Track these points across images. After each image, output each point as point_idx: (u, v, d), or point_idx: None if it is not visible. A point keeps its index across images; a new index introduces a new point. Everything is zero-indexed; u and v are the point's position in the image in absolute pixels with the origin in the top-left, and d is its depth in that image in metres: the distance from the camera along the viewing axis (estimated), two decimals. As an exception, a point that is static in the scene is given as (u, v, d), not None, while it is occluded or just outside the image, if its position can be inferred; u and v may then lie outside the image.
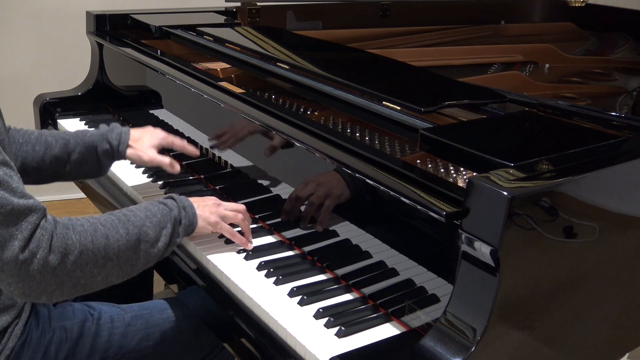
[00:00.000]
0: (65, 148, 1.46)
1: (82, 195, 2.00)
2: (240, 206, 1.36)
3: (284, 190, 1.40)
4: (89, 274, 1.07)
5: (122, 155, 1.49)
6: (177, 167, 1.50)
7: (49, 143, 1.45)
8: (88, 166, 1.48)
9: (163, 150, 1.55)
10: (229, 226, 1.31)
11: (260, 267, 1.27)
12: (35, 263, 1.01)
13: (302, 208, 1.33)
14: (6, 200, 0.99)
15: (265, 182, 1.47)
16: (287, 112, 1.40)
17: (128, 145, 1.48)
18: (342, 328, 1.08)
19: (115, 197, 1.66)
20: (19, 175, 1.06)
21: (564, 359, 1.14)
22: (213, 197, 1.35)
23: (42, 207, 1.05)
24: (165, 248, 1.19)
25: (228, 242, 1.35)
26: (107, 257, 1.09)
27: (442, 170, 1.21)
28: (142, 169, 1.71)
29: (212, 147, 1.62)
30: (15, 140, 1.44)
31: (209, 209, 1.29)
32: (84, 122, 2.07)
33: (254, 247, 1.34)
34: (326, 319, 1.11)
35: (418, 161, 1.24)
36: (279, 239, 1.38)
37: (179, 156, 1.78)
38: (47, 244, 1.02)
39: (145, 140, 1.50)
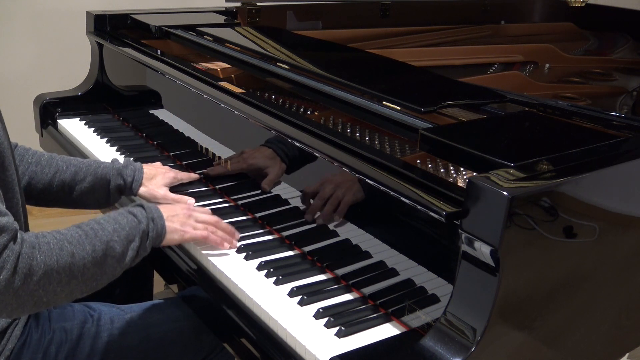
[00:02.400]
0: (75, 175, 1.44)
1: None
2: (211, 218, 1.33)
3: (284, 190, 1.40)
4: (52, 292, 1.05)
5: (133, 192, 1.48)
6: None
7: (59, 167, 1.44)
8: (95, 197, 1.47)
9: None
10: (199, 232, 1.28)
11: (260, 267, 1.27)
12: None
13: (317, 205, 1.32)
14: None
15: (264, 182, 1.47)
16: (287, 112, 1.40)
17: (141, 184, 1.48)
18: (342, 328, 1.08)
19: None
20: (0, 192, 1.05)
21: (564, 359, 1.14)
22: (184, 205, 1.33)
23: (15, 227, 1.03)
24: (132, 261, 1.17)
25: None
26: (72, 275, 1.07)
27: (442, 170, 1.21)
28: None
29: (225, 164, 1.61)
30: (24, 159, 1.44)
31: (178, 220, 1.27)
32: (84, 122, 2.07)
33: (254, 247, 1.34)
34: (326, 319, 1.11)
35: (418, 161, 1.24)
36: (279, 238, 1.38)
37: (179, 156, 1.78)
38: (12, 265, 1.00)
39: (157, 180, 1.50)
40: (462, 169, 1.20)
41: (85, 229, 1.13)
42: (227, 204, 1.52)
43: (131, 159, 1.54)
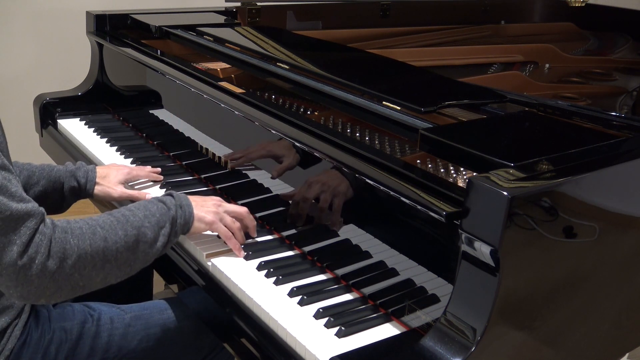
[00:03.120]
0: (28, 179, 1.44)
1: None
2: (242, 209, 1.35)
3: (284, 190, 1.40)
4: (87, 276, 1.08)
5: (89, 194, 1.50)
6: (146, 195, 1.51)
7: None
8: (49, 201, 1.47)
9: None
10: (225, 228, 1.30)
11: (260, 267, 1.27)
12: (34, 268, 1.01)
13: (306, 207, 1.33)
14: (5, 205, 1.00)
15: (265, 182, 1.47)
16: (287, 112, 1.40)
17: (96, 183, 1.49)
18: (342, 328, 1.08)
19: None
20: (17, 178, 1.06)
21: (564, 359, 1.14)
22: (216, 198, 1.35)
23: (41, 211, 1.05)
24: (164, 247, 1.20)
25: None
26: (106, 260, 1.10)
27: (442, 170, 1.21)
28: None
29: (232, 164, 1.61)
30: None
31: (206, 209, 1.29)
32: (84, 122, 2.07)
33: (254, 247, 1.34)
34: (326, 319, 1.11)
35: (418, 161, 1.24)
36: (279, 238, 1.38)
37: (179, 156, 1.78)
38: (45, 249, 1.02)
39: (112, 177, 1.51)
40: (462, 169, 1.20)
41: (117, 215, 1.16)
42: (227, 204, 1.52)
43: (83, 162, 1.55)
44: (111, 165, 1.58)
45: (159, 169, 1.65)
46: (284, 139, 1.37)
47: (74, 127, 2.04)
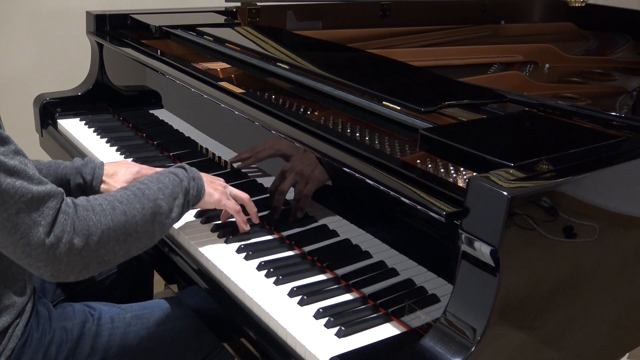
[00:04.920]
0: None
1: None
2: (244, 195, 1.39)
3: (284, 190, 1.40)
4: (112, 251, 1.11)
5: (95, 191, 1.47)
6: None
7: None
8: None
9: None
10: (233, 202, 1.36)
11: (260, 267, 1.27)
12: (62, 247, 1.04)
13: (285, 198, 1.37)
14: (25, 188, 1.01)
15: (265, 182, 1.47)
16: (287, 112, 1.40)
17: (102, 181, 1.46)
18: (342, 328, 1.08)
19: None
20: (32, 162, 1.08)
21: (564, 359, 1.14)
22: (222, 179, 1.39)
23: (60, 190, 1.07)
24: (178, 217, 1.25)
25: (228, 242, 1.35)
26: (127, 233, 1.13)
27: (442, 170, 1.21)
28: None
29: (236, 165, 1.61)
30: None
31: (214, 187, 1.35)
32: (84, 122, 2.07)
33: (254, 247, 1.34)
34: (326, 319, 1.11)
35: (418, 161, 1.24)
36: (279, 238, 1.38)
37: (179, 156, 1.78)
38: (70, 227, 1.05)
39: (119, 176, 1.48)
40: (462, 169, 1.20)
41: (132, 189, 1.19)
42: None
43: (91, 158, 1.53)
44: (120, 162, 1.54)
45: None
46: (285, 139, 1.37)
47: (74, 127, 2.04)
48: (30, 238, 1.02)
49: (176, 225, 1.40)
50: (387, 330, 1.11)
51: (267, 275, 1.24)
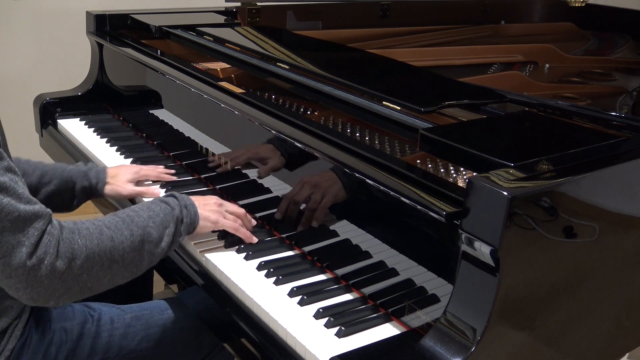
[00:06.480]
0: (41, 178, 1.46)
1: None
2: (240, 210, 1.37)
3: (284, 191, 1.40)
4: (95, 277, 1.08)
5: (99, 193, 1.52)
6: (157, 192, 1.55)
7: (26, 170, 1.45)
8: (60, 200, 1.48)
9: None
10: (230, 222, 1.32)
11: (260, 267, 1.27)
12: (43, 269, 1.01)
13: (298, 207, 1.33)
14: (12, 207, 1.00)
15: (265, 182, 1.47)
16: (287, 112, 1.40)
17: (106, 183, 1.51)
18: (342, 328, 1.08)
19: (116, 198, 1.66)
20: (23, 180, 1.07)
21: (564, 359, 1.14)
22: (215, 197, 1.36)
23: (48, 212, 1.06)
24: (169, 247, 1.21)
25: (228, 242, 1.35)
26: (113, 260, 1.10)
27: (442, 170, 1.21)
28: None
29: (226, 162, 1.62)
30: None
31: (209, 208, 1.31)
32: (84, 122, 2.07)
33: (254, 247, 1.34)
34: (326, 319, 1.11)
35: (418, 161, 1.24)
36: (279, 238, 1.38)
37: (179, 156, 1.78)
38: (54, 249, 1.03)
39: (121, 176, 1.54)
40: (462, 169, 1.20)
41: (122, 215, 1.17)
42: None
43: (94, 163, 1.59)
44: (120, 165, 1.60)
45: (173, 170, 1.66)
46: (267, 144, 1.39)
47: (74, 127, 2.04)
48: (11, 258, 0.99)
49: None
50: (387, 330, 1.11)
51: (267, 275, 1.24)
